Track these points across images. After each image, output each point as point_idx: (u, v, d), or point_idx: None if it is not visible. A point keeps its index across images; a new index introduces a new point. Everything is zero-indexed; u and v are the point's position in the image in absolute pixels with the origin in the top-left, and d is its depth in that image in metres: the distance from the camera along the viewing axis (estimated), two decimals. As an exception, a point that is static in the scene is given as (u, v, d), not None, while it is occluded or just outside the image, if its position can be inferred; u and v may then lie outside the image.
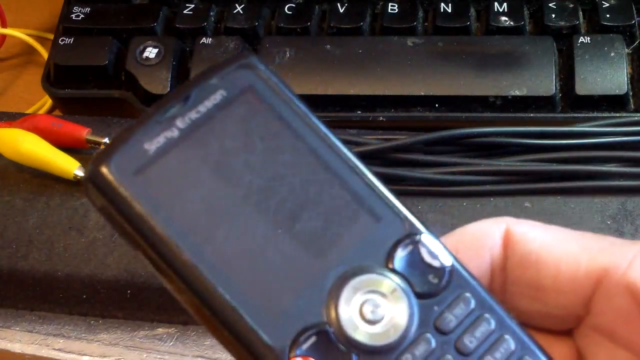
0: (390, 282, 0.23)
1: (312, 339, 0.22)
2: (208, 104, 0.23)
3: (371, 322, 0.22)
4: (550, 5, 0.43)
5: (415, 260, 0.23)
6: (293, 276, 0.22)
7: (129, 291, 0.37)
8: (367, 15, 0.45)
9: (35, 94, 0.48)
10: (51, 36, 0.47)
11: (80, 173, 0.39)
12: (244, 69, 0.24)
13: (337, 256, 0.23)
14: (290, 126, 0.24)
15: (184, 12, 0.45)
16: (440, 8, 0.44)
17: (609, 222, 0.36)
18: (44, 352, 0.39)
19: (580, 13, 0.43)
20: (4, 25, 0.50)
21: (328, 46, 0.43)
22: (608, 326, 0.23)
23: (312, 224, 0.23)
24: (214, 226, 0.22)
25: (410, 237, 0.23)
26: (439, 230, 0.37)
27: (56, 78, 0.44)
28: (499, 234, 0.24)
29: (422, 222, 0.24)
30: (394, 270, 0.23)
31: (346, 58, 0.42)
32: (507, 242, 0.24)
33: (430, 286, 0.23)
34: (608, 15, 0.43)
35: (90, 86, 0.44)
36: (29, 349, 0.39)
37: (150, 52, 0.43)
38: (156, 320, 0.39)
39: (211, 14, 0.45)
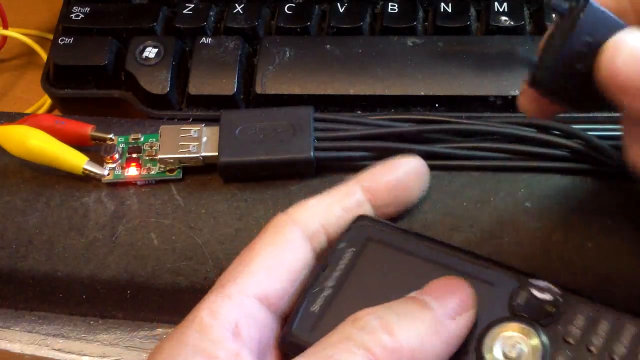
0: (518, 324, 0.28)
1: None
2: (344, 261, 0.31)
3: (517, 358, 0.28)
4: (550, 5, 0.43)
5: (531, 301, 0.29)
6: None
7: (128, 291, 0.37)
8: (367, 15, 0.45)
9: (34, 94, 0.48)
10: (51, 36, 0.47)
11: (89, 167, 0.39)
12: (359, 226, 0.32)
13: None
14: (405, 248, 0.31)
15: (184, 12, 0.45)
16: (440, 8, 0.44)
17: (609, 222, 0.36)
18: (43, 353, 0.39)
19: (581, 13, 0.43)
20: (5, 27, 0.50)
21: (328, 46, 0.43)
22: None
23: None
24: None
25: (520, 287, 0.29)
26: (439, 230, 0.37)
27: (56, 78, 0.44)
28: None
29: (524, 271, 0.30)
30: (518, 315, 0.29)
31: (346, 58, 0.42)
32: None
33: (549, 315, 0.29)
34: (608, 15, 0.43)
35: (89, 86, 0.44)
36: (29, 349, 0.39)
37: (150, 52, 0.43)
38: (156, 320, 0.39)
39: (211, 13, 0.45)
